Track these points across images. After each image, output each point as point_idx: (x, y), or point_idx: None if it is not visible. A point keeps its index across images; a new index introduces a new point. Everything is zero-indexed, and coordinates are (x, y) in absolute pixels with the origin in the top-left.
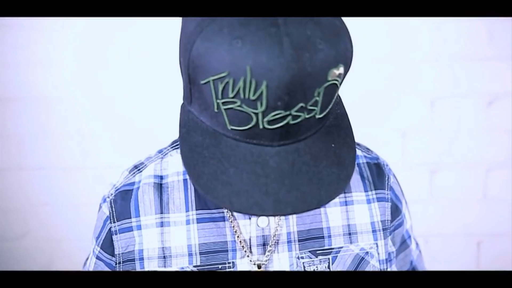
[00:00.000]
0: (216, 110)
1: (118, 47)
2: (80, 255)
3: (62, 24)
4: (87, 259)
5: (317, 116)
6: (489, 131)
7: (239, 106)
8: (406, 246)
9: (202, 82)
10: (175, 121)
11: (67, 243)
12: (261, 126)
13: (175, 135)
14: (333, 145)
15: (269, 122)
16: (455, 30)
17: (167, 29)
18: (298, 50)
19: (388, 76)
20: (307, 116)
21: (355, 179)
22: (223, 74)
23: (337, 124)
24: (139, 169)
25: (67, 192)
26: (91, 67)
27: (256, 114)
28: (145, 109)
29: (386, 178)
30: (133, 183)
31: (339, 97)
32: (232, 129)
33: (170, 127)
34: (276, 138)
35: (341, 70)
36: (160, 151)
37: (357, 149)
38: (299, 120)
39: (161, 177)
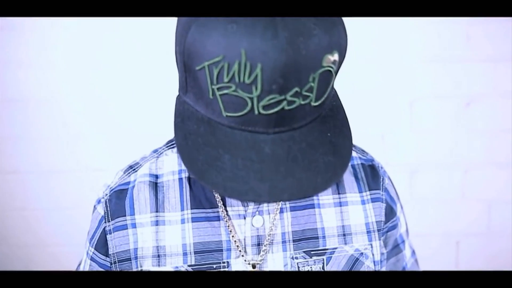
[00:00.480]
0: (211, 97)
1: (109, 48)
2: (60, 260)
3: (52, 24)
4: (79, 264)
5: (313, 104)
6: (467, 132)
7: (234, 91)
8: (399, 251)
9: (198, 68)
10: (167, 123)
11: (49, 248)
12: (256, 112)
13: (167, 136)
14: (329, 134)
15: (264, 107)
16: (433, 31)
17: (159, 31)
18: (293, 33)
19: (367, 77)
20: (302, 103)
21: (350, 180)
22: (218, 58)
23: (333, 115)
24: (134, 169)
25: (45, 196)
26: (81, 68)
27: (251, 98)
28: (135, 111)
29: (381, 179)
30: (128, 183)
31: (335, 90)
32: (227, 116)
33: (161, 129)
34: (271, 125)
35: (335, 57)
36: (155, 151)
37: (352, 150)
38: (294, 106)
39: (156, 176)
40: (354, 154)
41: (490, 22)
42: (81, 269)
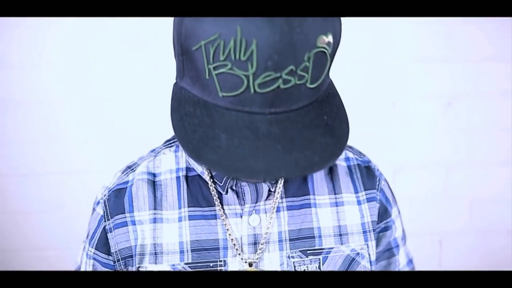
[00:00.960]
0: (207, 77)
1: (104, 50)
2: (51, 264)
3: (49, 23)
4: (79, 268)
5: (308, 85)
6: (449, 131)
7: (230, 69)
8: (391, 255)
9: (194, 48)
10: (163, 125)
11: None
12: (252, 90)
13: (164, 138)
14: (325, 117)
15: (260, 85)
16: (414, 32)
17: (155, 32)
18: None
19: (350, 78)
20: (298, 82)
21: (346, 180)
22: (214, 37)
23: (329, 101)
24: (132, 169)
25: (36, 199)
26: (74, 70)
27: (247, 76)
28: (130, 112)
29: (377, 180)
30: (126, 182)
31: (331, 80)
32: (223, 96)
33: (157, 131)
34: (267, 105)
35: (330, 38)
36: (152, 150)
37: (349, 152)
38: (290, 85)
39: (154, 175)
40: (351, 155)
41: (469, 23)
42: (82, 268)
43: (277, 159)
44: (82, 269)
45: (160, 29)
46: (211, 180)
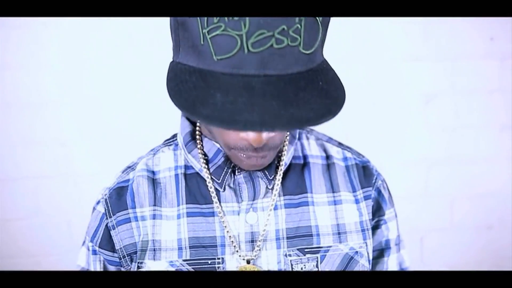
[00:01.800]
0: (202, 43)
1: (100, 51)
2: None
3: (45, 24)
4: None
5: (301, 50)
6: (429, 129)
7: (223, 30)
8: (379, 255)
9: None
10: (160, 129)
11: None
12: (246, 50)
13: (156, 142)
14: (320, 83)
15: (253, 45)
16: (391, 31)
17: (153, 33)
18: None
19: None
20: (290, 44)
21: (344, 179)
22: None
23: (323, 72)
24: (132, 168)
25: (27, 204)
26: (68, 72)
27: (240, 36)
28: (127, 115)
29: (374, 178)
30: (127, 180)
31: (326, 60)
32: (218, 59)
33: (155, 134)
34: (261, 66)
35: None
36: (152, 150)
37: (347, 152)
38: (282, 45)
39: (153, 172)
40: (349, 155)
41: (447, 22)
42: (91, 267)
43: (272, 113)
44: (91, 269)
45: (156, 30)
46: (209, 177)
